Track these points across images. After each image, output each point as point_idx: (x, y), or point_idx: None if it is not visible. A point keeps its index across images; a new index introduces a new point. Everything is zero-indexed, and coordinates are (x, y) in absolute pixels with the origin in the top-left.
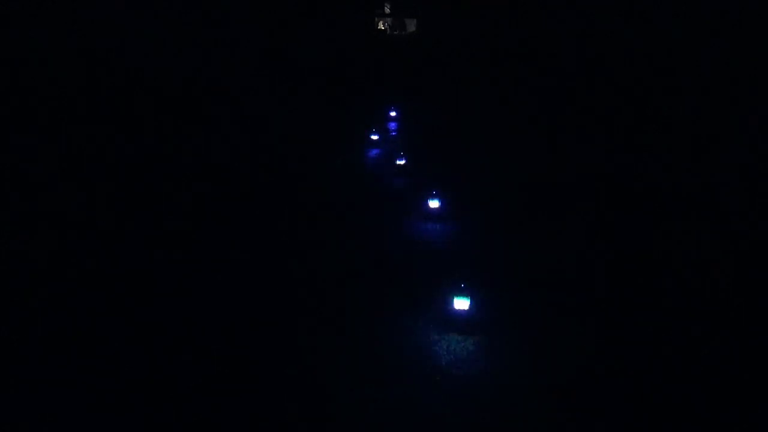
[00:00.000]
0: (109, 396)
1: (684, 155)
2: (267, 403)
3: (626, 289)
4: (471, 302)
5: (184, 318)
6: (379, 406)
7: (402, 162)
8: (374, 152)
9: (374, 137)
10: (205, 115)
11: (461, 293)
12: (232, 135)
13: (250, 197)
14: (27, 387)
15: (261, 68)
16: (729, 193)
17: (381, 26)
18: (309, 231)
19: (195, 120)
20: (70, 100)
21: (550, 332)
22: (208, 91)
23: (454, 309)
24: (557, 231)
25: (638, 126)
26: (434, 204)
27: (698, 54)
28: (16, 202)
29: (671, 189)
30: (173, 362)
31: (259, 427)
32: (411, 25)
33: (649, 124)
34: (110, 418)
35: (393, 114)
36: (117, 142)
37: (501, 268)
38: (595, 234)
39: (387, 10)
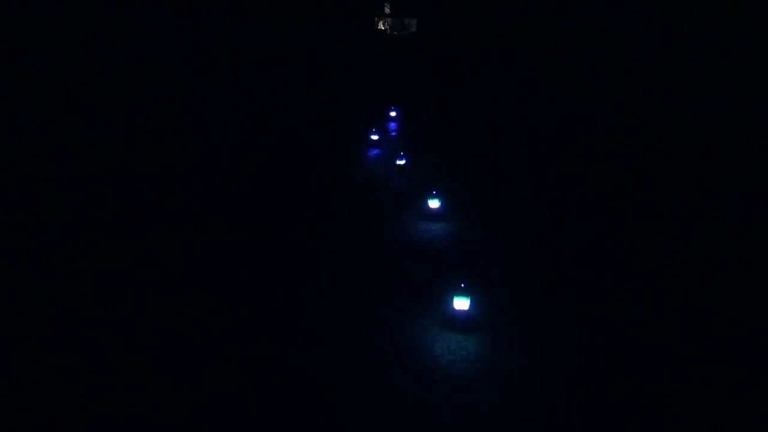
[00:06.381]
0: (110, 395)
1: (685, 155)
2: (267, 404)
3: (626, 290)
4: (471, 302)
5: (184, 317)
6: (378, 404)
7: (402, 162)
8: (374, 152)
9: (374, 137)
10: (205, 114)
11: (461, 293)
12: (232, 135)
13: (249, 197)
14: (27, 387)
15: (261, 68)
16: (730, 193)
17: (381, 26)
18: (309, 230)
19: (195, 119)
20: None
21: (550, 332)
22: (207, 91)
23: (454, 309)
24: (557, 231)
25: (639, 125)
26: (434, 204)
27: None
28: (15, 201)
29: (671, 190)
30: (173, 362)
31: (259, 427)
32: (411, 25)
33: (650, 124)
34: (110, 418)
35: (393, 114)
36: (115, 141)
37: (501, 269)
38: (596, 234)
39: (387, 10)
